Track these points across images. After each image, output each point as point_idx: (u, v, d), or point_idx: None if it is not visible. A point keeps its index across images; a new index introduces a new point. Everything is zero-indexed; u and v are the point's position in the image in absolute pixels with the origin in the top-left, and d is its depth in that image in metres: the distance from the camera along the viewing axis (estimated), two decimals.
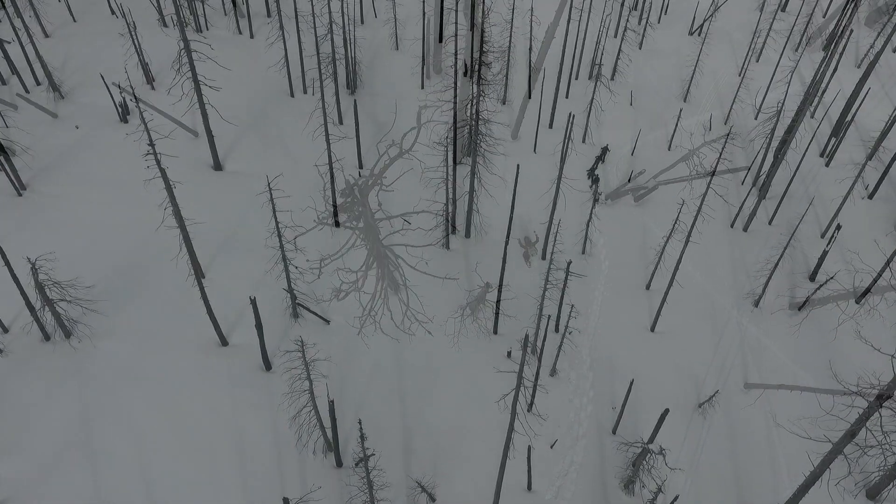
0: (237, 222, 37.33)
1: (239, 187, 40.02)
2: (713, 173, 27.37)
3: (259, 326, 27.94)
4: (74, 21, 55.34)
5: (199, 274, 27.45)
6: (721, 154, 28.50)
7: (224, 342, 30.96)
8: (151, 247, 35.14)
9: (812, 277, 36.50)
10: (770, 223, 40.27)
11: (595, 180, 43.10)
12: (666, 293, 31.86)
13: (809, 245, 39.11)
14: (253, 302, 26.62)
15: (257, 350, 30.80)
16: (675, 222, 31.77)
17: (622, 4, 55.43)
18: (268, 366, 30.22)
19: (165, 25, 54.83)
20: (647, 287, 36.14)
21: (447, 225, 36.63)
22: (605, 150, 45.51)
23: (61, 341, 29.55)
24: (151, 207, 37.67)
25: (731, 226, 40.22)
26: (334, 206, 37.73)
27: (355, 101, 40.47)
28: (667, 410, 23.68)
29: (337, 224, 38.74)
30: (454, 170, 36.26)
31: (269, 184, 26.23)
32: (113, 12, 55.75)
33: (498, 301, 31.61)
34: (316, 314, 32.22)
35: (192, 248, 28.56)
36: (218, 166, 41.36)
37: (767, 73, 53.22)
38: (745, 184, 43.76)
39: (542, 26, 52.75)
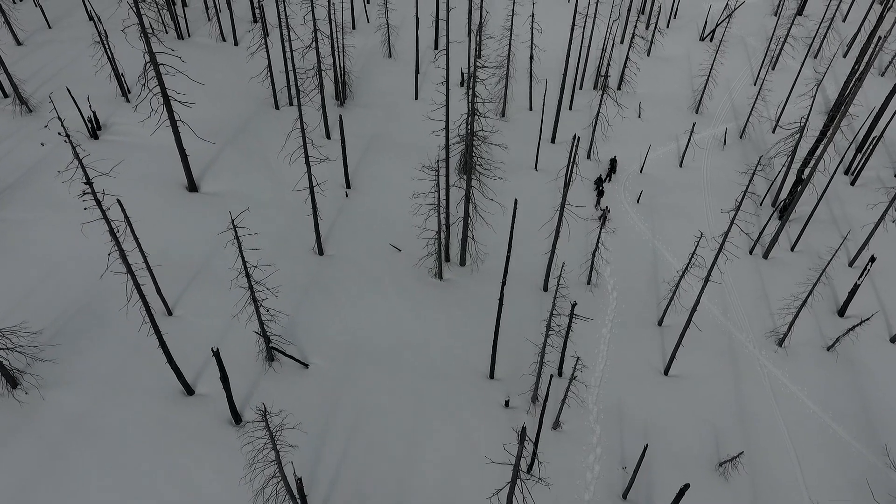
0: (211, 251, 34.18)
1: (215, 210, 36.83)
2: (738, 208, 24.12)
3: (224, 379, 24.77)
4: (49, 27, 52.31)
5: (156, 325, 24.26)
6: (747, 189, 25.24)
7: (189, 391, 27.80)
8: (110, 282, 31.97)
9: (841, 312, 33.18)
10: (792, 249, 36.96)
11: (600, 193, 39.83)
12: (681, 336, 28.59)
13: (836, 274, 35.80)
14: (216, 354, 23.44)
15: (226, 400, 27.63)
16: (693, 255, 28.50)
17: (629, 9, 52.18)
18: (237, 419, 27.05)
19: (145, 33, 51.68)
20: (660, 323, 32.88)
21: (439, 253, 33.43)
22: (613, 161, 42.24)
23: (6, 394, 26.43)
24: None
25: (750, 252, 36.91)
26: (316, 232, 34.56)
27: (341, 116, 37.27)
28: (686, 486, 20.46)
29: (320, 252, 35.59)
30: (447, 193, 33.06)
31: (232, 221, 23.03)
32: (91, 18, 52.69)
33: (495, 344, 28.37)
34: (292, 358, 29.05)
35: (144, 295, 25.36)
36: (193, 187, 38.18)
37: (785, 82, 49.91)
38: (763, 205, 40.45)
39: (545, 34, 49.45)
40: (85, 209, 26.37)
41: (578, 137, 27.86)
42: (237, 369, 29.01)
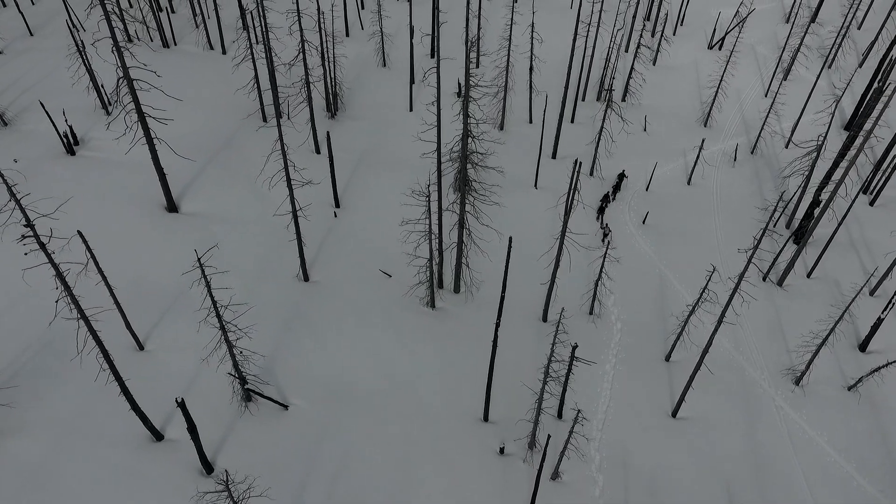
0: (189, 277, 32.01)
1: (194, 233, 34.73)
2: (755, 246, 21.90)
3: (192, 430, 22.67)
4: (31, 34, 50.31)
5: (116, 372, 22.12)
6: (766, 227, 23.01)
7: (158, 436, 25.70)
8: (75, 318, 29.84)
9: (863, 347, 30.90)
10: (808, 276, 34.68)
11: (601, 209, 37.60)
12: (691, 378, 26.35)
13: (857, 302, 33.46)
14: (181, 405, 21.33)
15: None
16: (704, 290, 26.27)
17: (634, 16, 49.91)
18: (208, 468, 24.94)
19: (130, 41, 49.69)
20: (667, 358, 30.64)
21: (431, 282, 31.26)
22: (621, 176, 40.02)
23: None
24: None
25: (764, 278, 34.65)
26: (301, 258, 32.43)
27: (328, 133, 35.09)
28: None
29: (306, 278, 33.46)
30: (440, 219, 30.89)
31: (198, 259, 20.89)
32: (73, 25, 50.64)
33: (489, 388, 26.20)
34: (271, 399, 26.92)
35: (101, 341, 23.27)
36: (172, 207, 36.08)
37: (797, 94, 47.51)
38: (776, 225, 38.17)
39: (545, 44, 47.17)
40: (25, 254, 24.11)
41: (580, 162, 25.65)
42: (211, 410, 26.89)
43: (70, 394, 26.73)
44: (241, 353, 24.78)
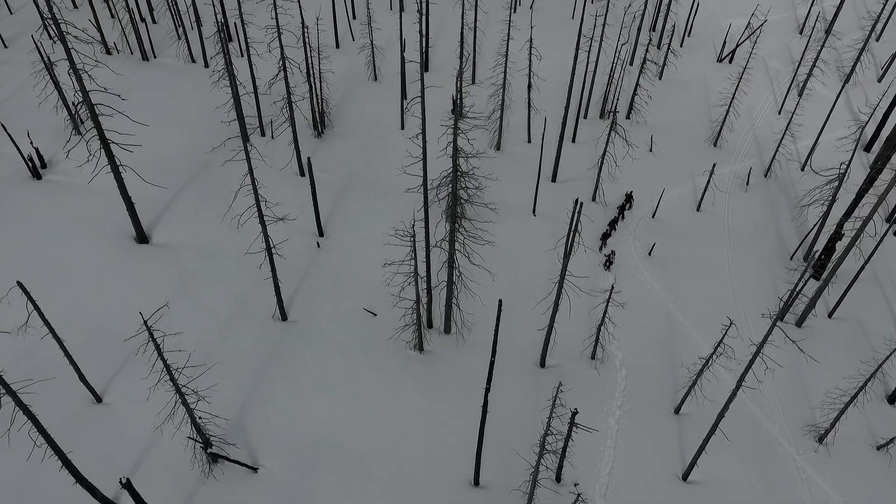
0: (155, 321, 29.46)
1: (165, 267, 32.16)
2: (783, 313, 19.27)
3: None
4: (6, 47, 47.81)
5: (56, 447, 19.50)
6: (797, 289, 20.35)
7: None
8: (25, 361, 27.32)
9: (892, 399, 28.19)
10: (830, 316, 31.98)
11: (605, 235, 34.99)
12: (705, 442, 23.65)
13: (885, 348, 30.77)
14: (127, 486, 18.76)
15: None
16: (720, 344, 23.61)
17: (639, 29, 47.21)
18: None
19: (109, 53, 47.19)
20: (677, 411, 27.96)
21: (419, 325, 28.63)
22: (629, 196, 37.40)
23: None
24: (44, 301, 29.82)
25: (781, 318, 31.96)
26: (278, 297, 29.83)
27: (309, 159, 32.51)
28: None
29: (283, 317, 30.87)
30: (427, 254, 28.26)
31: (145, 322, 18.28)
32: (51, 37, 48.14)
33: (479, 451, 23.55)
34: (238, 462, 24.31)
35: (35, 416, 20.65)
36: (142, 238, 33.54)
37: (813, 111, 44.80)
38: (793, 258, 35.47)
39: (545, 61, 44.44)
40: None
41: (581, 203, 23.02)
42: (171, 474, 24.27)
43: (13, 462, 24.10)
44: (199, 417, 22.16)
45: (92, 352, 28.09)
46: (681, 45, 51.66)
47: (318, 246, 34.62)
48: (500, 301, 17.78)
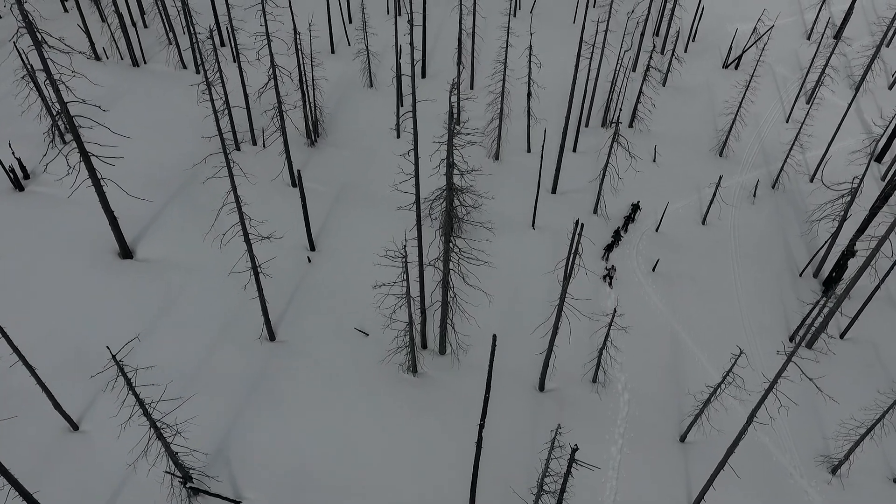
0: (125, 355, 28.14)
1: (149, 284, 30.91)
2: (797, 348, 17.96)
3: None
4: None
5: (22, 490, 18.26)
6: (814, 327, 19.00)
7: None
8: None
9: None
10: (842, 337, 30.64)
11: (609, 247, 33.72)
12: (712, 478, 22.32)
13: None
14: None
15: None
16: (728, 373, 22.30)
17: (642, 34, 45.87)
18: None
19: (98, 59, 45.92)
20: (682, 439, 26.64)
21: (412, 348, 27.34)
22: (635, 207, 36.14)
23: None
24: (21, 319, 28.45)
25: (791, 339, 30.64)
26: (265, 316, 28.56)
27: (299, 172, 31.24)
28: None
29: (271, 337, 29.60)
30: (421, 273, 26.99)
31: (113, 356, 17.01)
32: (39, 42, 46.84)
33: (473, 490, 22.25)
34: (220, 497, 23.05)
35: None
36: (126, 253, 32.29)
37: (822, 119, 43.32)
38: (803, 275, 34.11)
39: (545, 68, 43.06)
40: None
41: (582, 224, 21.73)
42: None
43: None
44: (176, 453, 20.91)
45: (71, 374, 26.86)
46: (685, 51, 50.29)
47: (309, 261, 33.36)
48: (494, 336, 16.53)
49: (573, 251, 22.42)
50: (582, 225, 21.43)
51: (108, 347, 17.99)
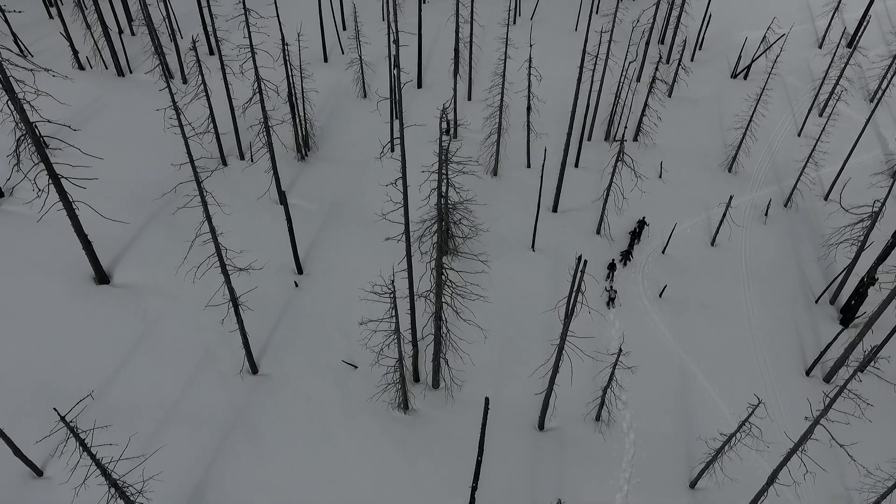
0: (116, 368, 26.45)
1: (125, 313, 29.09)
2: (818, 420, 16.18)
3: None
4: None
5: None
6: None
7: None
8: None
9: None
10: (863, 370, 28.64)
11: (612, 266, 31.90)
12: None
13: None
14: None
15: None
16: (745, 423, 20.44)
17: (647, 43, 43.99)
18: None
19: (82, 68, 44.17)
20: (692, 485, 24.77)
21: (403, 384, 25.51)
22: (641, 223, 34.33)
23: None
24: None
25: (807, 373, 28.77)
26: (246, 349, 26.76)
27: (285, 194, 29.43)
28: None
29: (254, 370, 27.81)
30: (412, 305, 25.14)
31: (63, 417, 15.23)
32: (21, 51, 45.20)
33: None
34: None
35: None
36: (102, 278, 30.49)
37: (836, 133, 41.44)
38: (819, 302, 32.19)
39: (545, 81, 41.20)
40: None
41: (585, 260, 19.90)
42: None
43: None
44: None
45: (38, 411, 25.04)
46: (692, 60, 48.44)
47: (296, 286, 31.56)
48: (487, 399, 14.73)
49: (576, 289, 20.59)
50: (585, 262, 19.63)
51: (55, 409, 16.15)
